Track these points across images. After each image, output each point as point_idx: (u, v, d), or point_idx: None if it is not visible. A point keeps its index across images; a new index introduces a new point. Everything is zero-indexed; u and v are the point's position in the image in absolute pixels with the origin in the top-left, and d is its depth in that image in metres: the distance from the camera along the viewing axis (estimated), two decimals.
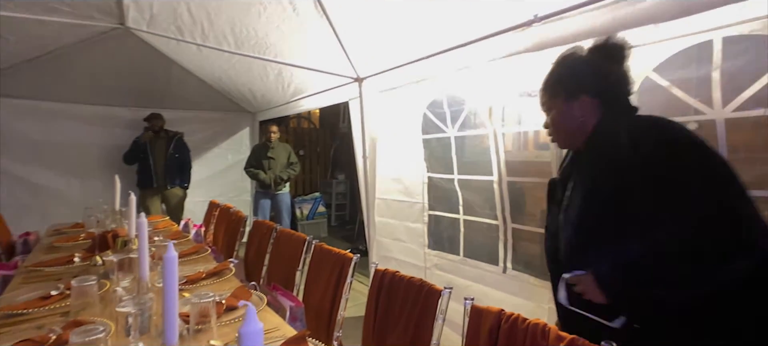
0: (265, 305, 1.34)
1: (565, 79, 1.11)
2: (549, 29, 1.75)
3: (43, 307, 1.34)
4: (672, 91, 1.63)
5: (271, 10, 2.35)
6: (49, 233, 2.61)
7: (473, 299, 1.03)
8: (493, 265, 2.30)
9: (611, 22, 1.53)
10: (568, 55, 1.14)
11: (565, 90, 1.10)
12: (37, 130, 3.93)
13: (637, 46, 1.56)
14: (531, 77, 2.02)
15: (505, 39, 1.93)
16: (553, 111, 1.14)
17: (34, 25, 2.52)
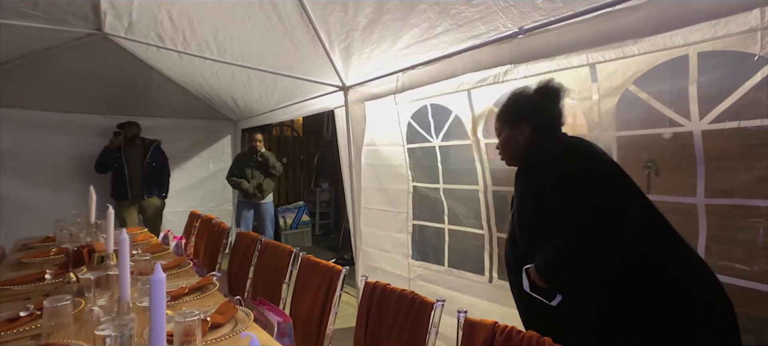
0: (252, 322, 1.30)
1: (512, 111, 1.46)
2: (532, 42, 1.79)
3: (11, 330, 1.26)
4: (651, 104, 1.69)
5: (256, 19, 2.32)
6: (17, 247, 2.47)
7: (466, 311, 1.03)
8: (479, 274, 2.30)
9: (593, 36, 1.58)
10: (518, 92, 1.48)
11: (512, 119, 1.44)
12: (2, 139, 3.73)
13: (616, 59, 1.62)
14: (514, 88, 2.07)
15: (490, 51, 1.96)
16: (502, 135, 1.47)
17: (3, 30, 2.40)
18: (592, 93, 1.81)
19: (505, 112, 1.48)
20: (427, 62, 2.26)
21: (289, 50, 2.61)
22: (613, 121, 1.80)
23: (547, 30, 1.71)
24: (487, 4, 1.71)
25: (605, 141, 1.75)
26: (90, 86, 3.73)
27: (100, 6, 2.49)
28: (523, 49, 1.82)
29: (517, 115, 1.43)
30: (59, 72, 3.36)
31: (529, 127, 1.39)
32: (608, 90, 1.76)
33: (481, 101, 2.22)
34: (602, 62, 1.66)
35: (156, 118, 4.32)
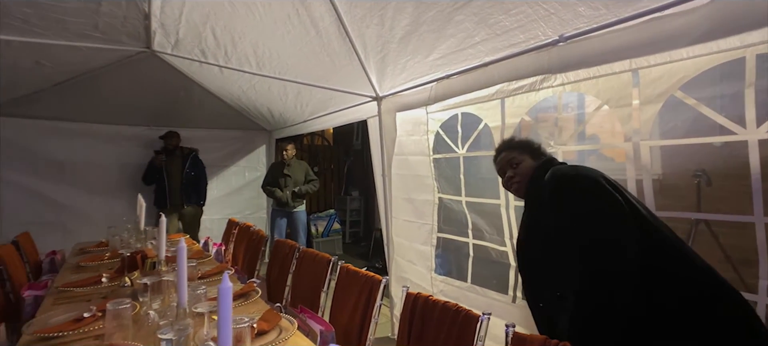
0: (296, 329, 1.33)
1: (522, 143, 1.55)
2: (573, 49, 1.75)
3: (77, 329, 1.35)
4: (700, 110, 1.60)
5: (294, 33, 2.40)
6: (75, 252, 2.64)
7: (514, 324, 1.01)
8: (502, 293, 2.22)
9: (638, 41, 1.53)
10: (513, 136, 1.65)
11: (531, 151, 1.51)
12: (62, 149, 4.03)
13: (663, 63, 1.55)
14: (551, 98, 2.01)
15: (527, 59, 1.94)
16: (522, 163, 1.49)
17: (67, 51, 2.61)
18: (632, 99, 1.74)
19: (522, 143, 1.55)
20: (461, 71, 2.26)
21: (324, 62, 2.68)
22: (655, 128, 1.72)
23: (589, 37, 1.67)
24: (526, 13, 1.70)
25: (644, 150, 1.68)
26: (137, 100, 3.97)
27: (150, 26, 2.66)
28: (563, 56, 1.79)
29: (533, 148, 1.53)
30: (111, 87, 3.59)
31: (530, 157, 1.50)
32: (651, 96, 1.69)
33: (514, 110, 2.18)
34: (646, 67, 1.60)
35: (197, 129, 4.53)
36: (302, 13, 2.19)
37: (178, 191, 4.14)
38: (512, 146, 1.54)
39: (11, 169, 3.77)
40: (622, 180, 1.65)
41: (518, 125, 2.17)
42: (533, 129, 2.19)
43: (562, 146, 2.00)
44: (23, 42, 2.29)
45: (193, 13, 2.41)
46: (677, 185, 1.89)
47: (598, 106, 1.83)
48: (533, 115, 2.12)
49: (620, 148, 1.78)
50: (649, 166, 1.66)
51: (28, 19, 2.06)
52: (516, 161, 1.50)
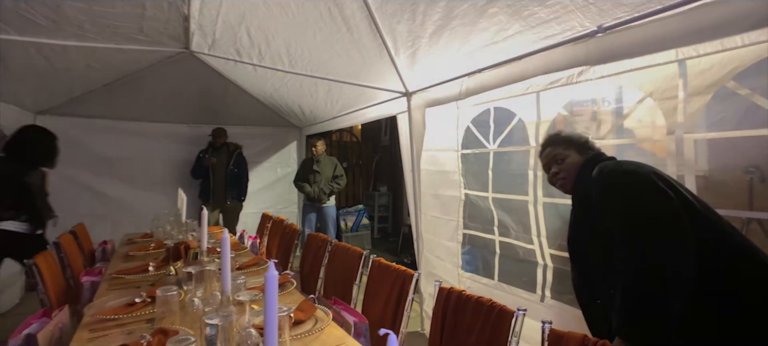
0: (331, 320, 1.37)
1: (571, 138, 1.51)
2: (612, 40, 1.69)
3: (130, 313, 1.45)
4: (753, 101, 1.51)
5: (326, 31, 2.44)
6: (123, 242, 2.82)
7: (551, 322, 1.00)
8: (531, 292, 2.17)
9: (686, 29, 1.45)
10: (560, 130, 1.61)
11: (575, 143, 1.48)
12: (110, 146, 4.31)
13: (714, 53, 1.47)
14: (588, 92, 1.95)
15: (564, 51, 1.89)
16: (567, 160, 1.46)
17: (115, 54, 2.77)
18: (678, 91, 1.66)
19: (566, 138, 1.52)
20: (494, 65, 2.22)
21: (355, 59, 2.71)
22: (702, 121, 1.63)
23: (630, 27, 1.60)
24: (563, 3, 1.65)
25: (689, 144, 1.59)
26: (177, 99, 4.17)
27: (189, 27, 2.78)
28: (602, 48, 1.73)
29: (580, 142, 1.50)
30: (153, 87, 3.78)
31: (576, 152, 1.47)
32: (699, 88, 1.60)
33: (549, 104, 2.13)
34: (695, 57, 1.52)
35: (232, 126, 4.70)
36: (334, 11, 2.22)
37: (222, 186, 4.35)
38: (557, 141, 1.52)
39: (68, 165, 4.04)
40: None
41: (553, 120, 2.11)
42: (569, 123, 2.13)
43: (600, 141, 1.93)
44: (78, 46, 2.46)
45: (229, 14, 2.50)
46: (725, 182, 1.78)
47: (639, 99, 1.76)
48: (569, 109, 2.06)
49: (661, 142, 1.70)
50: (693, 162, 1.58)
51: (83, 26, 2.21)
52: (560, 157, 1.47)
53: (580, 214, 1.35)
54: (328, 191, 4.32)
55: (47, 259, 1.94)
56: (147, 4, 2.26)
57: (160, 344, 1.21)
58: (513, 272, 2.32)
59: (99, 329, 1.34)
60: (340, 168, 4.44)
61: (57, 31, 2.20)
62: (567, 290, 2.05)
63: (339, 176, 4.39)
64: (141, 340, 1.19)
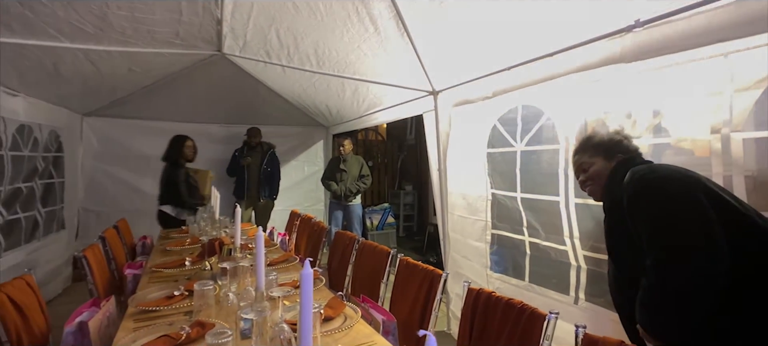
0: (359, 318, 1.39)
1: (605, 145, 1.45)
2: (651, 35, 1.62)
3: (170, 305, 1.53)
4: None
5: (353, 32, 2.46)
6: (161, 237, 2.96)
7: (585, 326, 0.98)
8: (563, 294, 2.11)
9: (735, 21, 1.37)
10: (595, 133, 1.57)
11: (605, 151, 1.43)
12: (148, 145, 4.51)
13: (762, 45, 1.38)
14: (622, 89, 1.87)
15: (597, 47, 1.83)
16: (592, 168, 1.44)
17: (154, 58, 2.91)
18: (724, 88, 1.57)
19: (595, 146, 1.46)
20: (524, 62, 2.18)
21: (382, 58, 2.72)
22: (751, 119, 1.54)
23: (671, 20, 1.53)
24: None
25: (736, 143, 1.50)
26: (210, 100, 4.32)
27: (222, 30, 2.87)
28: (639, 43, 1.66)
29: (608, 149, 1.43)
30: (188, 89, 3.94)
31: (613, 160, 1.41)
32: (748, 83, 1.50)
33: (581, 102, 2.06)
34: (743, 50, 1.43)
35: (261, 125, 4.82)
36: (362, 11, 2.24)
37: (256, 184, 4.50)
38: (585, 148, 1.49)
39: (111, 163, 4.33)
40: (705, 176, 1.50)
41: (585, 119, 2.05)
42: (602, 122, 2.06)
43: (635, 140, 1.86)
44: (121, 51, 2.60)
45: (260, 17, 2.56)
46: None
47: (678, 96, 1.68)
48: (603, 108, 1.99)
49: (702, 141, 1.62)
50: (742, 162, 1.49)
51: (125, 32, 2.34)
52: (586, 166, 1.46)
53: (612, 221, 1.33)
54: (355, 190, 4.37)
55: (95, 252, 2.07)
56: (183, 9, 2.36)
57: (198, 336, 1.27)
58: (544, 273, 2.27)
59: (142, 320, 1.42)
60: (366, 168, 4.49)
61: (103, 38, 2.33)
62: (602, 292, 1.98)
63: (365, 176, 4.44)
64: (181, 331, 1.26)
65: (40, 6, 1.81)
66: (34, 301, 1.47)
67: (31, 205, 3.02)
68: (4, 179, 2.55)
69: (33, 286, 1.51)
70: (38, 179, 3.10)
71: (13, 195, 2.73)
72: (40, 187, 3.13)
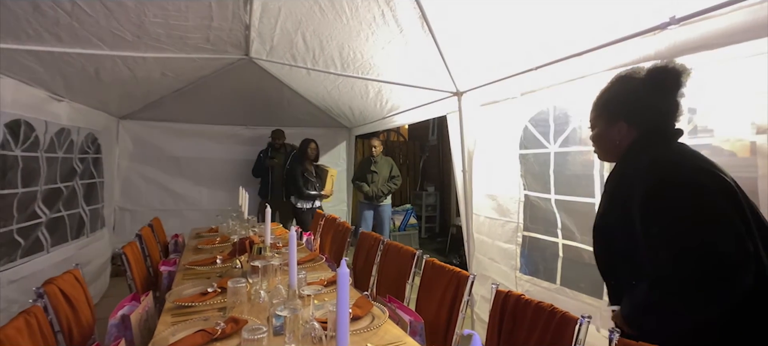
0: (387, 318, 1.41)
1: (610, 104, 1.22)
2: (688, 32, 1.56)
3: (204, 302, 1.59)
4: None
5: (378, 34, 2.48)
6: (192, 235, 3.07)
7: (620, 330, 0.96)
8: (597, 298, 2.06)
9: None
10: (623, 76, 1.22)
11: (608, 114, 1.21)
12: (178, 147, 4.70)
13: None
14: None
15: (630, 46, 1.77)
16: (596, 129, 1.26)
17: (185, 63, 3.02)
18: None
19: (602, 104, 1.24)
20: (553, 62, 2.14)
21: (406, 60, 2.73)
22: None
23: (710, 16, 1.48)
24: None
25: None
26: (237, 102, 4.45)
27: (250, 35, 2.95)
28: (675, 41, 1.60)
29: (614, 111, 1.19)
30: (216, 92, 4.07)
31: (626, 126, 1.16)
32: None
33: None
34: None
35: (285, 127, 4.93)
36: (387, 14, 2.26)
37: (280, 185, 4.60)
38: (594, 105, 1.27)
39: (144, 164, 4.52)
40: (749, 178, 1.44)
41: None
42: None
43: None
44: (156, 57, 2.71)
45: (287, 21, 2.62)
46: None
47: (718, 95, 1.61)
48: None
49: (744, 141, 1.55)
50: None
51: (160, 38, 2.44)
52: (591, 125, 1.28)
53: (613, 203, 1.17)
54: (386, 191, 4.41)
55: (133, 249, 2.17)
56: (214, 15, 2.44)
57: (232, 331, 1.32)
58: (577, 275, 2.23)
59: (179, 315, 1.48)
60: (396, 169, 4.53)
61: (140, 45, 2.44)
62: None
63: (395, 177, 4.48)
64: (216, 326, 1.31)
65: (86, 16, 1.92)
66: (81, 294, 1.56)
67: (75, 204, 3.19)
68: (40, 179, 2.70)
69: (80, 280, 1.60)
70: (79, 179, 3.27)
71: (54, 195, 2.89)
72: (81, 187, 3.30)
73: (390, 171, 4.46)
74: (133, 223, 4.33)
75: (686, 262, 0.91)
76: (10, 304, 2.29)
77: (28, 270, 2.51)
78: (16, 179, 2.45)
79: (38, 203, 2.68)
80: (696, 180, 0.99)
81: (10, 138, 2.36)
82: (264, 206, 4.58)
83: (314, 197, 4.36)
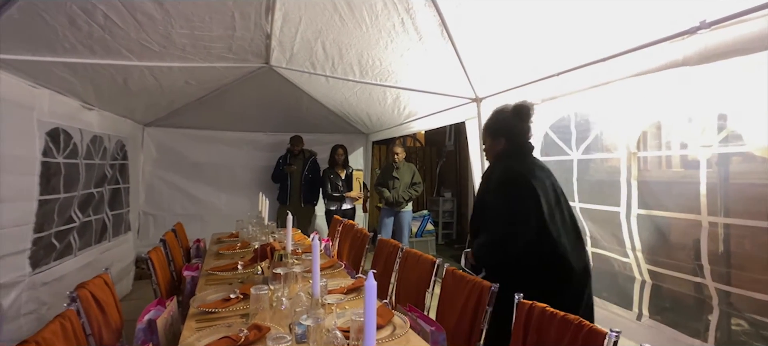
0: (409, 328, 1.40)
1: (493, 128, 1.91)
2: (719, 36, 1.51)
3: (227, 307, 1.61)
4: None
5: (398, 41, 2.50)
6: (213, 240, 3.12)
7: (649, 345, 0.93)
8: (626, 309, 2.00)
9: None
10: (498, 110, 1.94)
11: (493, 132, 1.91)
12: (199, 153, 4.80)
13: None
14: (685, 95, 1.76)
15: (655, 52, 1.73)
16: (486, 143, 1.96)
17: (208, 71, 3.10)
18: None
19: (487, 128, 1.94)
20: (574, 68, 2.11)
21: (425, 67, 2.74)
22: None
23: (744, 20, 1.43)
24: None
25: None
26: (256, 109, 4.52)
27: (271, 44, 3.01)
28: (705, 46, 1.56)
29: (497, 131, 1.88)
30: (236, 99, 4.15)
31: (504, 140, 1.86)
32: None
33: (642, 110, 1.96)
34: None
35: (303, 133, 4.99)
36: (407, 22, 2.27)
37: (298, 191, 4.65)
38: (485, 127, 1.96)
39: (167, 170, 4.64)
40: None
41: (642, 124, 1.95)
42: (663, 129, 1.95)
43: (705, 147, 1.74)
44: (181, 67, 2.79)
45: (307, 31, 2.66)
46: None
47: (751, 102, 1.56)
48: (664, 113, 1.89)
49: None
50: None
51: (185, 49, 2.51)
52: (483, 140, 2.01)
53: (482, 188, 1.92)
54: (407, 197, 4.41)
55: (158, 254, 2.22)
56: (237, 25, 2.50)
57: (256, 338, 1.33)
58: (604, 285, 2.18)
59: (203, 320, 1.51)
60: (418, 175, 4.51)
61: (166, 55, 2.52)
62: (669, 308, 1.88)
63: (417, 183, 4.47)
64: (240, 333, 1.32)
65: (117, 29, 2.00)
66: (111, 298, 1.60)
67: (100, 208, 3.30)
68: (79, 184, 2.81)
69: (109, 284, 1.65)
70: (107, 185, 3.38)
71: (86, 200, 3.00)
72: (108, 192, 3.42)
73: (412, 177, 4.44)
74: (156, 227, 4.44)
75: (498, 228, 1.70)
76: (40, 305, 2.38)
77: (58, 273, 2.60)
78: (59, 185, 2.55)
79: (74, 207, 2.78)
80: (520, 184, 1.70)
81: (52, 145, 2.47)
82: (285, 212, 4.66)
83: (340, 199, 4.57)
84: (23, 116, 2.21)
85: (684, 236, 1.80)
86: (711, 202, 1.71)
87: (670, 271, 1.81)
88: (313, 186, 4.74)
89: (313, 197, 4.76)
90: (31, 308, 2.31)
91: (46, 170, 2.40)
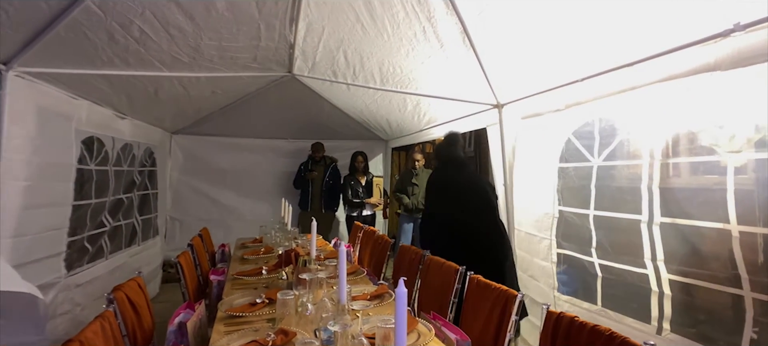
0: (433, 336, 1.40)
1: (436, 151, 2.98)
2: (752, 39, 1.46)
3: (253, 312, 1.65)
4: None
5: (419, 49, 2.51)
6: (238, 246, 3.19)
7: None
8: (644, 322, 1.92)
9: None
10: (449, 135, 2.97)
11: (437, 153, 2.91)
12: (224, 160, 4.94)
13: None
14: (716, 101, 1.69)
15: (686, 55, 1.69)
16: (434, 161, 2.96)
17: (233, 80, 3.20)
18: None
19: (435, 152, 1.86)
20: (599, 73, 2.07)
21: (446, 74, 2.74)
22: None
23: None
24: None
25: None
26: (278, 117, 4.62)
27: (294, 53, 3.08)
28: (738, 49, 1.50)
29: (438, 154, 2.94)
30: (260, 107, 4.25)
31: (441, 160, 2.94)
32: None
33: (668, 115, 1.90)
34: None
35: (324, 139, 5.06)
36: (428, 30, 2.29)
37: (319, 196, 4.72)
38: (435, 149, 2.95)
39: (193, 176, 4.79)
40: None
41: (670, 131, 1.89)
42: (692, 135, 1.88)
43: (735, 154, 1.68)
44: (208, 76, 2.89)
45: (330, 40, 2.71)
46: None
47: None
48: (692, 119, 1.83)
49: None
50: None
51: (213, 59, 2.60)
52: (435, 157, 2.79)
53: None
54: None
55: (186, 258, 2.29)
56: (262, 36, 2.57)
57: (282, 343, 1.36)
58: (620, 297, 2.11)
59: (231, 324, 1.55)
60: None
61: (194, 66, 2.62)
62: (692, 322, 1.79)
63: None
64: (267, 338, 1.35)
65: (151, 43, 2.10)
66: (143, 300, 1.67)
67: (130, 213, 3.43)
68: (109, 190, 2.93)
69: (142, 287, 1.72)
70: (136, 191, 3.51)
71: (117, 205, 3.13)
72: (137, 197, 3.55)
73: None
74: (182, 232, 4.57)
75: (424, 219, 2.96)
76: (74, 306, 2.49)
77: (90, 275, 2.72)
78: (91, 191, 2.68)
79: (105, 212, 2.91)
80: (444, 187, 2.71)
81: (86, 153, 2.59)
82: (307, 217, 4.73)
83: (360, 205, 4.67)
84: (63, 126, 2.34)
85: (715, 245, 1.73)
86: (747, 210, 1.65)
87: (700, 281, 1.74)
88: (334, 192, 4.79)
89: (334, 203, 4.81)
90: (65, 309, 2.42)
91: (79, 177, 2.52)
